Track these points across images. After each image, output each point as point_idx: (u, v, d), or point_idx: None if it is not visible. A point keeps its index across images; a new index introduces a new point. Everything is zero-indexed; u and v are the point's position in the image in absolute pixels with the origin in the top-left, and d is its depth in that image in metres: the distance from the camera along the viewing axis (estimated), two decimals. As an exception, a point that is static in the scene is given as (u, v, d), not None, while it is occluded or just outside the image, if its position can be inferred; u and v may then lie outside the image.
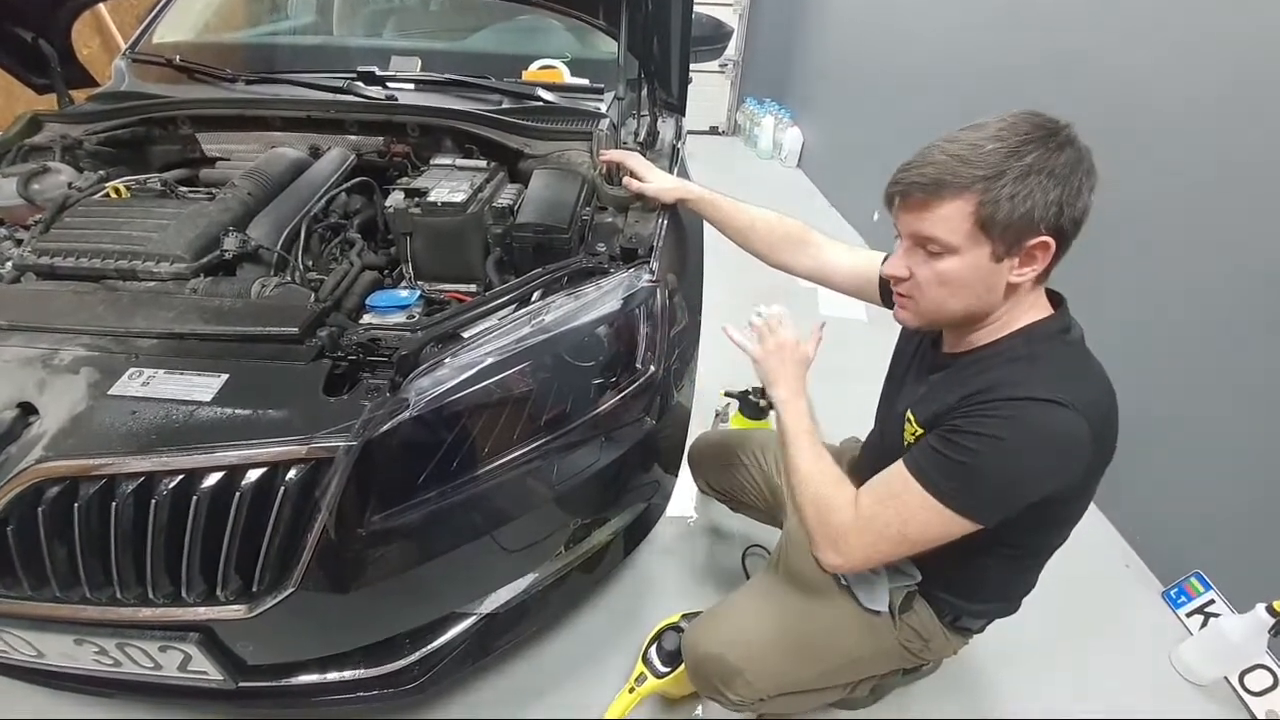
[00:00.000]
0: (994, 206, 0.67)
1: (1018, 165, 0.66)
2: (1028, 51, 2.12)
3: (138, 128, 1.34)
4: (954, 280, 0.72)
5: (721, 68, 4.87)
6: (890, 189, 0.74)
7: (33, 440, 0.73)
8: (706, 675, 0.94)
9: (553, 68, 1.69)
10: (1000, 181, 0.66)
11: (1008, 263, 0.70)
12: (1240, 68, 1.37)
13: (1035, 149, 0.66)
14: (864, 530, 0.77)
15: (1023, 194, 0.66)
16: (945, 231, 0.70)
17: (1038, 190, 0.66)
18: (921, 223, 0.72)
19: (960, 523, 0.72)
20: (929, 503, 0.72)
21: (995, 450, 0.68)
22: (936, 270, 0.73)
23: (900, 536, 0.75)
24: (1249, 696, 1.30)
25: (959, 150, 0.68)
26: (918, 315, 0.79)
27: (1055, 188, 0.66)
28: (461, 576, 0.95)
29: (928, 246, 0.72)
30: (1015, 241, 0.69)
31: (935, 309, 0.77)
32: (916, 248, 0.74)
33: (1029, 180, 0.66)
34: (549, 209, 1.11)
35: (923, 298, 0.76)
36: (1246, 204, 1.35)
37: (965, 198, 0.68)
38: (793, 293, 1.19)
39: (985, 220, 0.68)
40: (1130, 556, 1.62)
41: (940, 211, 0.69)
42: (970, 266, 0.71)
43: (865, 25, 3.46)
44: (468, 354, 0.85)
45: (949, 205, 0.69)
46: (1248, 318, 1.34)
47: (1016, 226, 0.67)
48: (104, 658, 0.86)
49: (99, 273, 0.99)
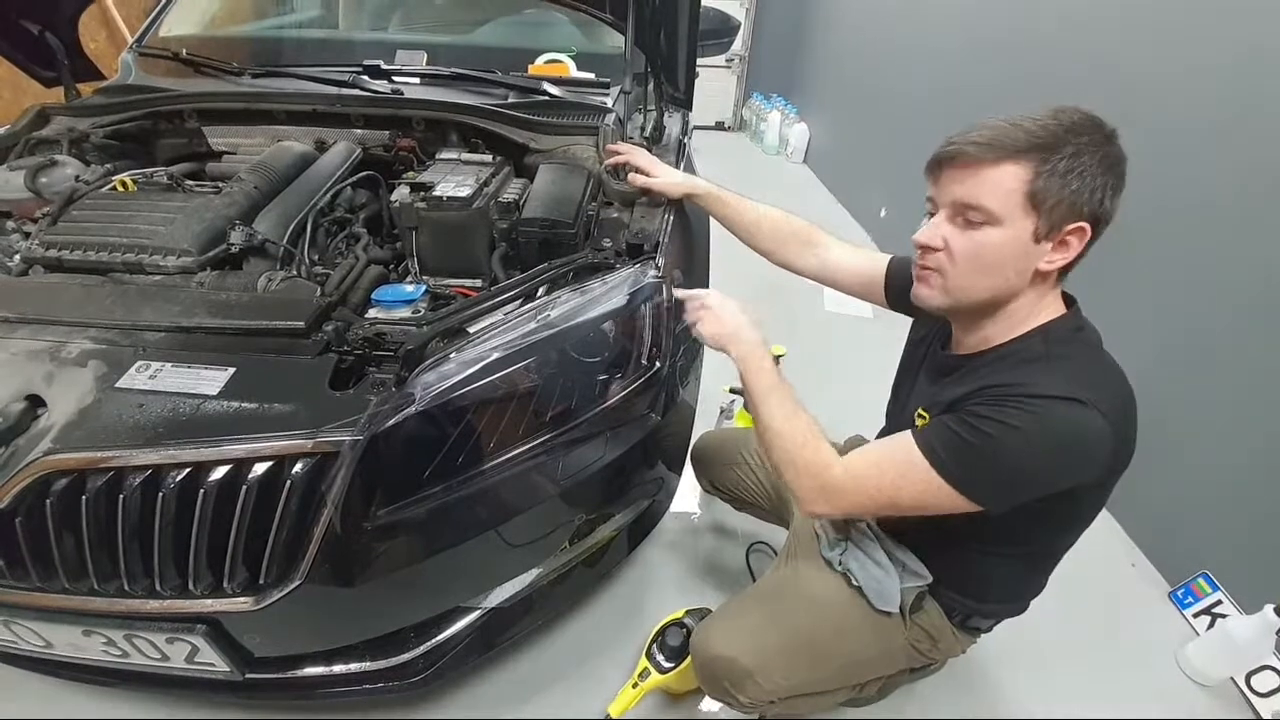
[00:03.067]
0: (1048, 179, 0.66)
1: (1075, 142, 0.66)
2: (1042, 47, 2.09)
3: (144, 121, 1.34)
4: (990, 255, 0.71)
5: (728, 62, 4.85)
6: (940, 152, 0.72)
7: (40, 433, 0.73)
8: (716, 677, 0.93)
9: (559, 62, 1.68)
10: (1058, 154, 0.66)
11: (1044, 245, 0.70)
12: (1244, 65, 1.35)
13: (1089, 133, 0.67)
14: (850, 490, 0.77)
15: (1076, 171, 0.66)
16: (995, 198, 0.68)
17: (1089, 172, 0.66)
18: (969, 187, 0.70)
19: (955, 499, 0.71)
20: (929, 476, 0.71)
21: (1010, 438, 0.67)
22: (975, 241, 0.71)
23: (889, 501, 0.76)
24: (1256, 698, 1.29)
25: (1019, 121, 0.68)
26: (943, 291, 0.76)
27: (1103, 174, 0.67)
28: (466, 571, 0.95)
29: (968, 215, 0.71)
30: (1059, 222, 0.68)
31: (963, 286, 0.74)
32: (956, 216, 0.72)
33: (1083, 159, 0.66)
34: (555, 204, 1.10)
35: (953, 271, 0.74)
36: (1256, 201, 1.33)
37: (1021, 163, 0.67)
38: (798, 289, 1.19)
39: (1038, 193, 0.67)
40: (1137, 556, 1.61)
41: (995, 175, 0.68)
42: (1010, 241, 0.69)
43: (873, 19, 3.43)
44: (473, 349, 0.85)
45: (1005, 169, 0.68)
46: (1258, 316, 1.33)
47: (1064, 205, 0.67)
48: (112, 649, 0.86)
49: (106, 266, 0.99)
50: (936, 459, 0.71)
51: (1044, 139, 0.66)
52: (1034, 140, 0.66)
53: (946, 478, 0.71)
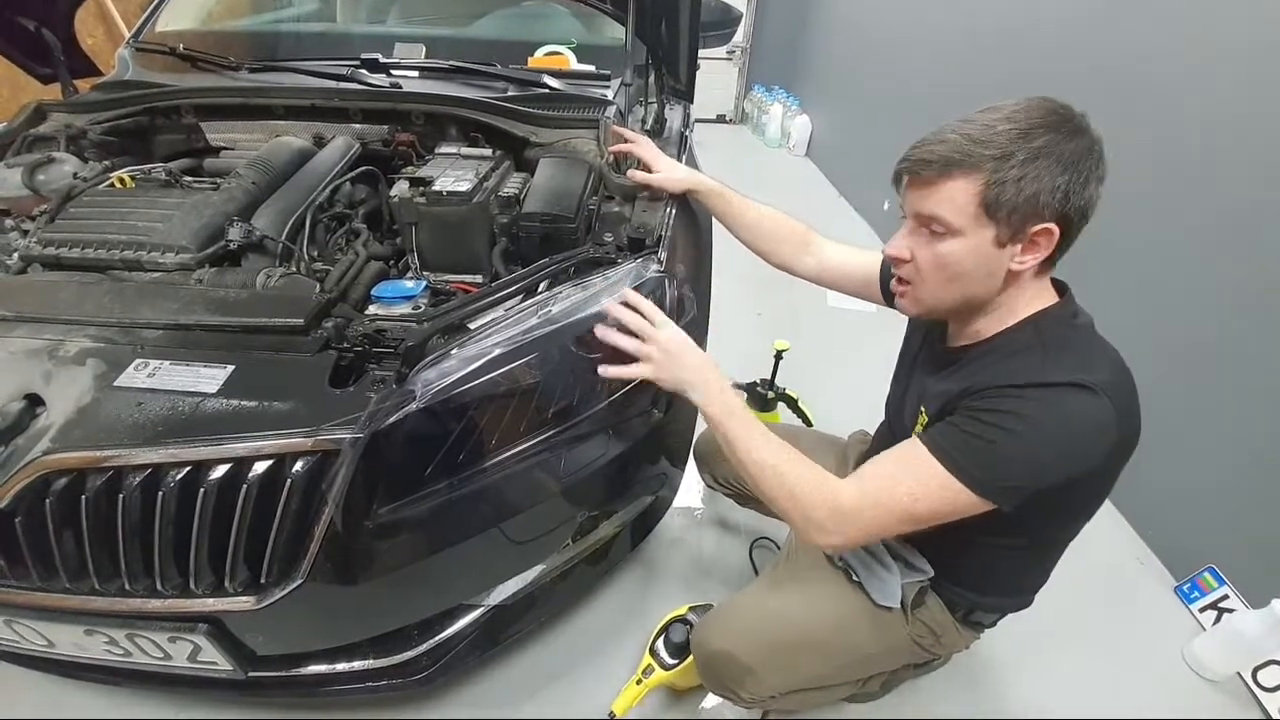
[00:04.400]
0: (999, 188, 0.66)
1: (1027, 148, 0.65)
2: (1043, 37, 2.07)
3: (142, 117, 1.33)
4: (954, 264, 0.71)
5: (729, 54, 4.82)
6: (899, 166, 0.73)
7: (40, 432, 0.73)
8: (717, 673, 0.94)
9: (559, 54, 1.66)
10: (1009, 163, 0.65)
11: (1010, 249, 0.69)
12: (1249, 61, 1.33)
13: (1046, 133, 0.65)
14: (867, 510, 0.73)
15: (1030, 176, 0.65)
16: (950, 211, 0.69)
17: (1045, 174, 0.65)
18: (926, 201, 0.70)
19: (975, 503, 0.70)
20: (948, 482, 0.70)
21: (1021, 430, 0.67)
22: (937, 253, 0.72)
23: (906, 514, 0.72)
24: (1262, 692, 1.28)
25: (970, 130, 0.67)
26: (916, 302, 0.78)
27: (1063, 174, 0.65)
28: (469, 568, 0.95)
29: (931, 226, 0.71)
30: (1019, 226, 0.67)
31: (934, 295, 0.75)
32: (920, 228, 0.73)
33: (1037, 164, 0.65)
34: (555, 198, 1.09)
35: (922, 283, 0.75)
36: (1261, 194, 1.31)
37: (972, 177, 0.67)
38: (801, 284, 1.18)
39: (990, 202, 0.66)
40: (1143, 551, 1.61)
41: (946, 190, 0.68)
42: (972, 250, 0.69)
43: (876, 11, 3.40)
44: (474, 345, 0.84)
45: (955, 184, 0.68)
46: (1263, 309, 1.31)
47: (1022, 210, 0.66)
48: (114, 648, 0.86)
49: (104, 263, 0.98)
50: (952, 462, 0.70)
51: (996, 149, 0.65)
52: (985, 152, 0.66)
53: (966, 481, 0.69)
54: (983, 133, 0.67)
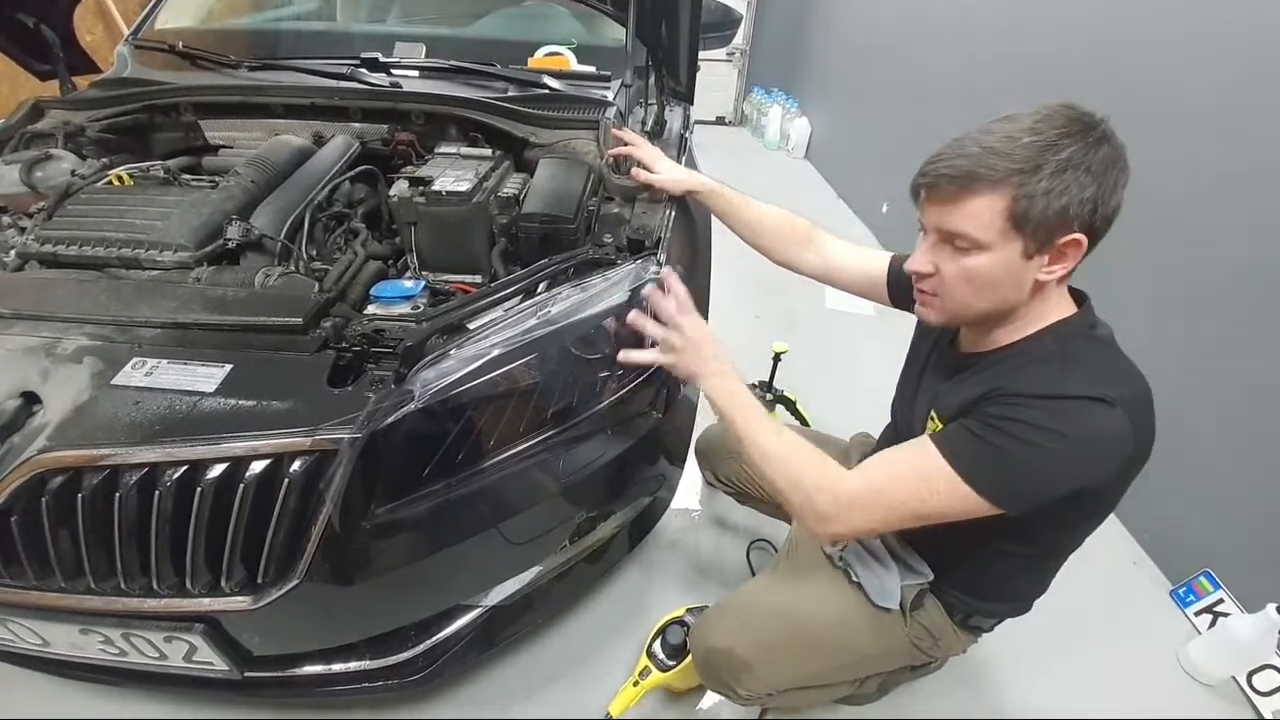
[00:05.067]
0: (1029, 202, 0.64)
1: (1054, 159, 0.63)
2: (1044, 38, 2.08)
3: (140, 115, 1.33)
4: (981, 278, 0.70)
5: (729, 56, 4.82)
6: (918, 181, 0.72)
7: (36, 430, 0.73)
8: (715, 669, 0.94)
9: (559, 54, 1.66)
10: (1036, 176, 0.64)
11: (1038, 260, 0.68)
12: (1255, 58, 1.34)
13: (1073, 143, 0.64)
14: (872, 501, 0.74)
15: (1058, 189, 0.64)
16: (975, 227, 0.67)
17: (1074, 186, 0.64)
18: (950, 217, 0.69)
19: (983, 506, 0.70)
20: (956, 484, 0.69)
21: (1036, 441, 0.66)
22: (964, 266, 0.70)
23: (910, 510, 0.72)
24: (1257, 697, 1.29)
25: (993, 143, 0.65)
26: (941, 313, 0.77)
27: (1091, 184, 0.64)
28: (466, 569, 0.95)
29: (955, 242, 0.70)
30: (1047, 239, 0.66)
31: (961, 307, 0.74)
32: (943, 243, 0.72)
33: (1065, 175, 0.63)
34: (555, 199, 1.09)
35: (948, 295, 0.74)
36: (1260, 200, 1.32)
37: (999, 192, 0.65)
38: (799, 286, 1.18)
39: (1019, 216, 0.65)
40: (1139, 554, 1.61)
41: (972, 206, 0.67)
42: (1000, 263, 0.68)
43: (875, 13, 3.40)
44: (473, 346, 0.84)
45: (981, 200, 0.66)
46: (1261, 314, 1.32)
47: (1050, 223, 0.65)
48: (110, 647, 0.86)
49: (102, 261, 0.98)
50: (963, 466, 0.69)
51: (1021, 162, 0.64)
52: (1011, 166, 0.64)
53: (975, 485, 0.69)
54: (1005, 145, 0.65)
